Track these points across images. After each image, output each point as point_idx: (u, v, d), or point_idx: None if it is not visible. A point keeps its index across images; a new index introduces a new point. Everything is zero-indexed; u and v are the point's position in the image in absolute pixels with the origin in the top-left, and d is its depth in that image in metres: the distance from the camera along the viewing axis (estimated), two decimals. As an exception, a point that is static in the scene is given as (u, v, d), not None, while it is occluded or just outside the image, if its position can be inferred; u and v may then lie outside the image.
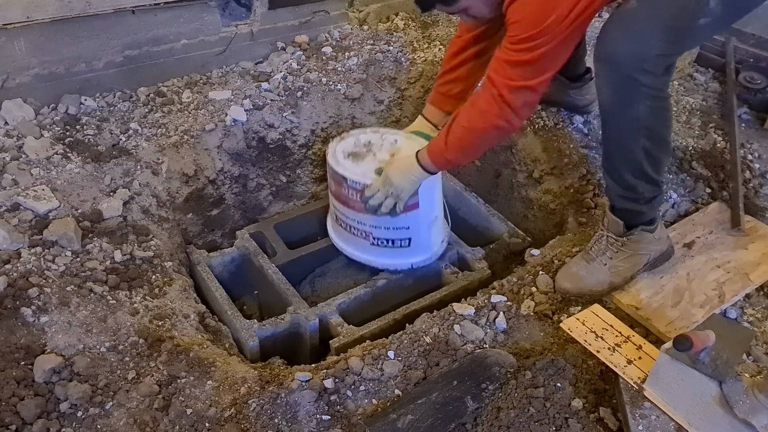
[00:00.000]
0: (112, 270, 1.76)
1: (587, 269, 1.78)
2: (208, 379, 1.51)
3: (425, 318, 1.72)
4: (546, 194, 2.32)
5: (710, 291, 1.77)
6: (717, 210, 2.04)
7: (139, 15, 2.31)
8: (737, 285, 1.78)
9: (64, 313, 1.59)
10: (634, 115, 1.56)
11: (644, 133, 1.59)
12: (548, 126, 2.41)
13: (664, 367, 1.40)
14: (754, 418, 1.31)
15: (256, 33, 2.62)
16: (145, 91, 2.41)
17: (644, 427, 1.39)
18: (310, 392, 1.48)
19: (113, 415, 1.41)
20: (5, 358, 1.47)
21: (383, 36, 2.84)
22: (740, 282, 1.79)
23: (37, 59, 2.20)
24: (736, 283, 1.78)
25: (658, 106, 1.58)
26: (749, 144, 2.33)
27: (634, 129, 1.59)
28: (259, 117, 2.40)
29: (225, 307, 1.94)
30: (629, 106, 1.56)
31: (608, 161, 1.72)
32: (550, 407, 1.44)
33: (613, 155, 1.70)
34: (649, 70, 1.50)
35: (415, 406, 1.41)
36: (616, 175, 1.70)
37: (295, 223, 2.40)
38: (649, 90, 1.53)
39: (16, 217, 1.82)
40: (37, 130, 2.13)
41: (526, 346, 1.64)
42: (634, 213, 1.73)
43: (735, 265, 1.84)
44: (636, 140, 1.60)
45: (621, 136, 1.64)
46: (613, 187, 1.73)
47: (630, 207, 1.73)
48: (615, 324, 1.64)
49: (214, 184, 2.33)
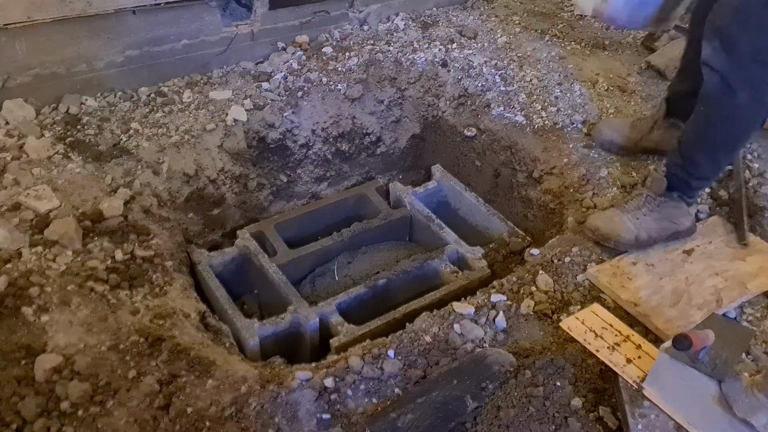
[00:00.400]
0: (113, 269, 1.76)
1: (620, 216, 1.89)
2: (208, 378, 1.51)
3: (425, 317, 1.72)
4: (546, 194, 2.32)
5: (708, 295, 1.77)
6: (716, 223, 2.05)
7: (140, 15, 2.32)
8: (734, 292, 1.79)
9: (64, 312, 1.59)
10: (735, 102, 1.65)
11: (736, 122, 1.70)
12: (548, 126, 2.41)
13: (664, 366, 1.40)
14: (753, 417, 1.31)
15: (257, 33, 2.63)
16: (145, 91, 2.41)
17: (643, 426, 1.39)
18: (310, 391, 1.48)
19: (114, 414, 1.41)
20: (6, 357, 1.47)
21: (383, 36, 2.85)
22: (737, 290, 1.80)
23: (37, 59, 2.21)
24: (734, 291, 1.79)
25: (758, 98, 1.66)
26: (749, 144, 2.33)
27: (728, 115, 1.69)
28: (259, 117, 2.40)
29: (225, 306, 1.95)
30: (734, 93, 1.63)
31: (688, 137, 1.83)
32: (549, 406, 1.44)
33: (696, 134, 1.81)
34: (761, 60, 1.58)
35: (415, 405, 1.41)
36: (686, 150, 1.82)
37: (295, 222, 2.40)
38: (757, 81, 1.61)
39: (17, 217, 1.82)
40: (38, 130, 2.13)
41: (526, 346, 1.64)
42: (680, 181, 1.86)
43: (733, 274, 1.85)
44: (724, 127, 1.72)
45: (713, 120, 1.74)
46: (675, 156, 1.85)
47: (680, 174, 1.85)
48: (614, 323, 1.64)
49: (214, 183, 2.33)
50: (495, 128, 2.49)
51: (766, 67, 1.60)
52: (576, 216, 2.11)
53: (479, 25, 3.01)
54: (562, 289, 1.81)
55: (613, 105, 2.52)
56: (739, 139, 1.82)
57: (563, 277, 1.85)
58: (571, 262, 1.89)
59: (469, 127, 2.57)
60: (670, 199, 1.88)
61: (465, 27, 2.97)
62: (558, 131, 2.39)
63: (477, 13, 3.12)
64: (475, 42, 2.86)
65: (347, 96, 2.57)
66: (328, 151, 2.60)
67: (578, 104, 2.52)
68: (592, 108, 2.50)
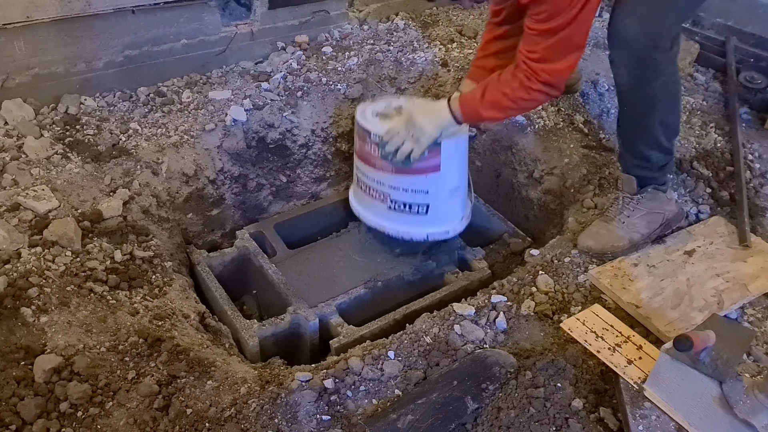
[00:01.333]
0: (112, 270, 1.76)
1: (607, 228, 1.90)
2: (208, 379, 1.50)
3: (425, 318, 1.72)
4: (546, 194, 2.32)
5: (709, 297, 1.77)
6: (717, 223, 2.05)
7: (139, 15, 2.31)
8: (736, 294, 1.78)
9: (64, 313, 1.59)
10: (650, 92, 1.69)
11: (660, 107, 1.73)
12: (548, 126, 2.41)
13: (665, 367, 1.40)
14: (754, 418, 1.31)
15: (256, 33, 2.62)
16: (145, 90, 2.41)
17: (644, 427, 1.39)
18: (310, 392, 1.47)
19: (113, 415, 1.40)
20: (5, 357, 1.47)
21: (383, 36, 2.84)
22: (739, 292, 1.79)
23: (37, 59, 2.20)
24: (735, 293, 1.79)
25: (671, 79, 1.71)
26: (749, 144, 2.33)
27: (650, 104, 1.72)
28: (259, 117, 2.40)
29: (225, 307, 1.94)
30: (646, 83, 1.68)
31: (624, 135, 1.88)
32: (550, 407, 1.44)
33: (629, 130, 1.84)
34: (660, 46, 1.63)
35: (415, 406, 1.41)
36: (631, 147, 1.85)
37: (295, 222, 2.40)
38: (663, 66, 1.65)
39: (16, 217, 1.81)
40: (37, 130, 2.13)
41: (527, 346, 1.64)
42: (646, 178, 1.88)
43: (734, 275, 1.85)
44: (652, 115, 1.74)
45: (638, 113, 1.77)
46: (627, 156, 1.89)
47: (642, 174, 1.87)
48: (615, 324, 1.64)
49: (214, 184, 2.33)
50: (495, 128, 2.49)
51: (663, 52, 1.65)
52: (576, 216, 2.10)
53: (479, 24, 3.01)
54: (563, 290, 1.81)
55: (614, 105, 2.52)
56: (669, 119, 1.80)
57: (564, 277, 1.84)
58: (571, 263, 1.89)
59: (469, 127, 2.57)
60: (645, 192, 1.89)
61: (465, 26, 2.96)
62: (558, 131, 2.39)
63: (477, 13, 3.12)
64: (475, 42, 2.86)
65: (347, 96, 2.56)
66: (328, 151, 2.60)
67: (579, 104, 2.51)
68: (593, 108, 2.50)
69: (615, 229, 1.89)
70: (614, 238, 1.88)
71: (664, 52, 1.65)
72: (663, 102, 1.74)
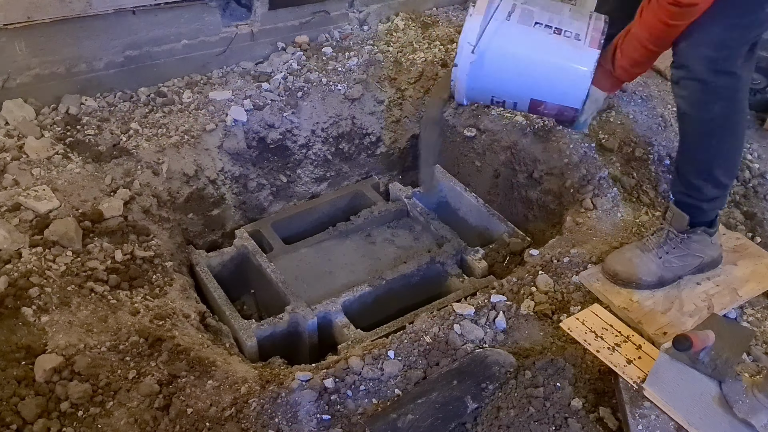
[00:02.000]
0: (113, 270, 1.76)
1: (641, 258, 1.79)
2: (208, 379, 1.51)
3: (425, 318, 1.72)
4: (546, 194, 2.32)
5: (700, 302, 1.76)
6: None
7: (140, 15, 2.32)
8: (726, 299, 1.77)
9: (64, 312, 1.59)
10: (706, 117, 1.59)
11: (717, 134, 1.62)
12: (548, 126, 2.41)
13: (664, 366, 1.40)
14: (753, 417, 1.31)
15: (257, 33, 2.63)
16: (145, 91, 2.41)
17: (644, 426, 1.39)
18: (310, 392, 1.48)
19: (114, 415, 1.41)
20: (6, 357, 1.47)
21: (383, 36, 2.85)
22: (729, 296, 1.78)
23: (37, 59, 2.21)
24: (725, 297, 1.78)
25: (733, 108, 1.60)
26: (749, 144, 2.33)
27: (706, 131, 1.63)
28: (259, 117, 2.40)
29: (223, 307, 1.95)
30: (703, 107, 1.59)
31: (678, 161, 1.77)
32: (549, 407, 1.44)
33: (683, 155, 1.74)
34: (721, 69, 1.53)
35: (415, 406, 1.41)
36: (681, 173, 1.74)
37: (292, 220, 2.41)
38: (724, 90, 1.56)
39: (16, 217, 1.82)
40: (37, 130, 2.13)
41: (526, 346, 1.64)
42: (693, 208, 1.74)
43: (724, 279, 1.83)
44: (708, 142, 1.64)
45: (693, 139, 1.67)
46: (677, 183, 1.77)
47: (688, 202, 1.75)
48: (615, 324, 1.64)
49: (214, 184, 2.33)
50: (495, 128, 2.49)
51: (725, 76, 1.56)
52: (575, 216, 2.10)
53: (479, 25, 3.01)
54: (562, 290, 1.81)
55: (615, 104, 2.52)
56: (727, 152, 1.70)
57: (563, 277, 1.84)
58: (570, 263, 1.89)
59: (469, 127, 2.57)
60: (693, 234, 1.76)
61: (465, 27, 2.96)
62: (558, 131, 2.39)
63: (477, 14, 3.12)
64: (475, 42, 2.86)
65: (347, 96, 2.57)
66: (328, 152, 2.60)
67: (578, 104, 2.51)
68: (592, 108, 2.50)
69: (649, 261, 1.77)
70: (645, 272, 1.77)
71: (725, 77, 1.54)
72: (721, 129, 1.62)
